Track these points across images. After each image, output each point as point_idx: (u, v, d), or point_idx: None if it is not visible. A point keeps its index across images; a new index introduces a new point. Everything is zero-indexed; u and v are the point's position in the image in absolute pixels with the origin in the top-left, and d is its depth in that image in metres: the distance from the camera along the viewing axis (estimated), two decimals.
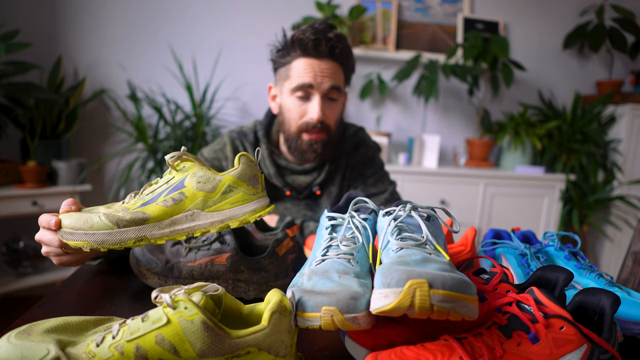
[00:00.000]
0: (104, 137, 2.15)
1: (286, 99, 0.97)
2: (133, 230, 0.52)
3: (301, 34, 0.92)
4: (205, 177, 0.54)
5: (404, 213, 0.49)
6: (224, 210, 0.54)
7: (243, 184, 0.55)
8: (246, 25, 2.20)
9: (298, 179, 1.04)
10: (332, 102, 0.97)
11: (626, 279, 0.93)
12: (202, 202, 0.53)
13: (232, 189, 0.54)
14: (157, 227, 0.53)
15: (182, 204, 0.53)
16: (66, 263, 0.58)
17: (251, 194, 0.55)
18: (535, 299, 0.41)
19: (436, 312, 0.37)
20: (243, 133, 1.06)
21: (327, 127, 0.97)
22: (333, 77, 0.94)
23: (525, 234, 0.71)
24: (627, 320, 0.52)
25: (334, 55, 0.94)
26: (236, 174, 0.55)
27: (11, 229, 2.04)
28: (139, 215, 0.52)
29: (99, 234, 0.51)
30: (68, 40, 2.05)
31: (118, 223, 0.51)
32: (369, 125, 2.38)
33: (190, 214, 0.53)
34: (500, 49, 2.03)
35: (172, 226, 0.53)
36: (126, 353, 0.36)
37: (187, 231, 0.53)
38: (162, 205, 0.53)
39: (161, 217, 0.53)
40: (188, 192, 0.53)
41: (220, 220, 0.54)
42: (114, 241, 0.52)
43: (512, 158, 2.31)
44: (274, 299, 0.39)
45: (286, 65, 0.96)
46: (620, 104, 2.25)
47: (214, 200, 0.54)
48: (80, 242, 0.52)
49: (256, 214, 0.55)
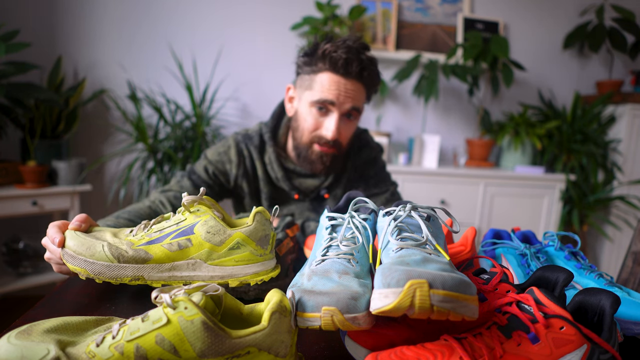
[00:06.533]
0: (104, 137, 2.15)
1: (304, 108, 0.96)
2: (132, 268, 0.52)
3: (334, 50, 0.89)
4: (216, 229, 0.52)
5: (404, 213, 0.49)
6: (227, 266, 0.53)
7: (252, 243, 0.53)
8: (246, 25, 2.20)
9: (306, 182, 1.04)
10: (349, 120, 0.97)
11: (626, 279, 0.93)
12: (206, 253, 0.52)
13: (239, 246, 0.53)
14: (157, 270, 0.52)
15: (187, 250, 0.52)
16: (65, 273, 0.60)
17: (258, 255, 0.54)
18: (535, 299, 0.41)
19: (436, 312, 0.36)
20: (248, 136, 1.04)
21: (339, 144, 0.97)
22: (355, 99, 0.93)
23: (525, 234, 0.71)
24: (627, 320, 0.52)
25: (361, 77, 0.92)
26: (247, 232, 0.53)
27: (11, 229, 2.04)
28: (142, 254, 0.52)
29: (98, 265, 0.52)
30: (68, 40, 2.05)
31: (119, 258, 0.51)
32: (369, 125, 2.38)
33: (192, 262, 0.52)
34: (500, 49, 2.03)
35: (171, 271, 0.52)
36: (126, 353, 0.36)
37: (185, 279, 0.53)
38: (166, 248, 0.52)
39: (162, 260, 0.52)
40: (195, 240, 0.52)
41: (221, 276, 0.53)
42: (111, 275, 0.52)
43: (512, 158, 2.31)
44: (274, 299, 0.39)
45: (310, 75, 0.94)
46: (620, 104, 2.25)
47: (219, 254, 0.52)
48: (78, 269, 0.52)
49: (258, 277, 0.54)
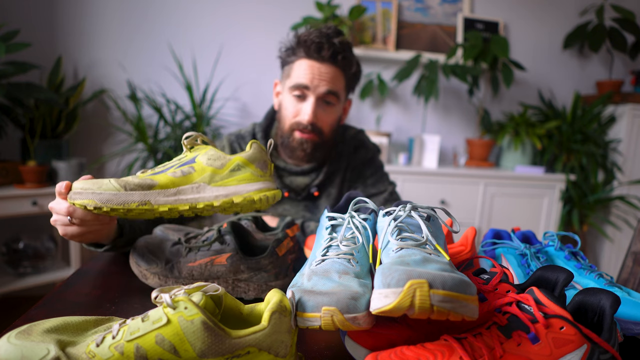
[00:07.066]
0: (104, 137, 2.15)
1: (285, 97, 1.00)
2: (139, 194, 0.53)
3: (307, 36, 0.94)
4: (216, 155, 0.56)
5: (404, 213, 0.49)
6: (230, 185, 0.55)
7: (252, 165, 0.56)
8: (246, 25, 2.20)
9: (296, 180, 1.05)
10: (328, 106, 0.98)
11: (626, 279, 0.93)
12: (209, 176, 0.55)
13: (240, 168, 0.56)
14: (162, 195, 0.54)
15: (190, 176, 0.55)
16: (70, 234, 0.59)
17: (259, 175, 0.56)
18: (535, 299, 0.41)
19: (436, 312, 0.36)
20: (241, 136, 1.07)
21: (319, 129, 0.98)
22: (331, 82, 0.95)
23: (525, 234, 0.71)
24: (627, 320, 0.52)
25: (336, 60, 0.95)
26: (246, 156, 0.56)
27: (11, 229, 2.04)
28: (147, 181, 0.54)
29: (105, 194, 0.52)
30: (68, 40, 2.05)
31: (125, 186, 0.53)
32: (369, 125, 2.38)
33: (197, 186, 0.55)
34: (500, 49, 2.03)
35: (177, 195, 0.54)
36: (126, 353, 0.36)
37: (191, 201, 0.54)
38: (170, 175, 0.54)
39: (168, 185, 0.54)
40: (197, 167, 0.55)
41: (225, 194, 0.55)
42: (118, 202, 0.52)
43: (512, 158, 2.31)
44: (274, 299, 0.39)
45: (290, 64, 0.98)
46: (620, 104, 2.25)
47: (221, 175, 0.55)
48: (85, 201, 0.53)
49: (261, 192, 0.56)
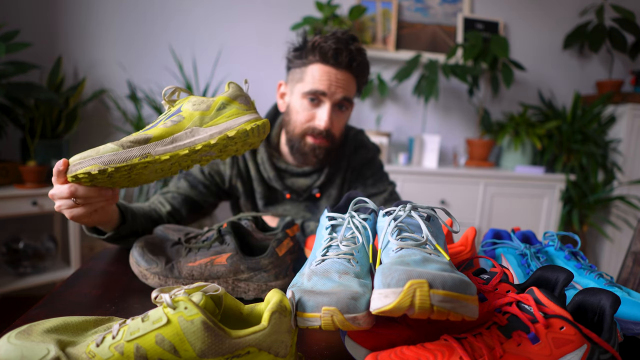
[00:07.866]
0: (104, 137, 2.15)
1: (296, 101, 0.97)
2: (137, 149, 0.55)
3: (323, 41, 0.92)
4: (199, 100, 0.58)
5: (404, 213, 0.49)
6: (221, 123, 0.58)
7: (235, 101, 0.59)
8: (246, 25, 2.20)
9: (298, 182, 1.04)
10: (341, 111, 0.98)
11: (626, 279, 0.93)
12: (199, 119, 0.57)
13: (225, 106, 0.58)
14: (160, 144, 0.56)
15: (181, 124, 0.57)
16: (77, 216, 0.60)
17: (245, 110, 0.59)
18: (535, 299, 0.41)
19: (436, 312, 0.36)
20: None
21: (332, 135, 0.98)
22: (346, 89, 0.95)
23: (525, 234, 0.71)
24: (627, 320, 0.52)
25: (351, 67, 0.94)
26: (228, 94, 0.59)
27: (11, 229, 2.04)
28: (142, 136, 0.56)
29: (106, 156, 0.54)
30: (68, 40, 2.05)
31: (122, 145, 0.55)
32: (369, 125, 2.38)
33: (190, 130, 0.57)
34: (500, 49, 2.03)
35: (173, 143, 0.56)
36: (126, 353, 0.36)
37: (188, 145, 0.56)
38: (162, 127, 0.57)
39: (162, 136, 0.56)
40: (185, 114, 0.58)
41: (219, 131, 0.57)
42: (120, 159, 0.54)
43: (512, 158, 2.31)
44: (274, 299, 0.39)
45: (301, 68, 0.95)
46: (620, 104, 2.25)
47: (210, 116, 0.58)
48: (88, 167, 0.54)
49: (252, 123, 0.58)
